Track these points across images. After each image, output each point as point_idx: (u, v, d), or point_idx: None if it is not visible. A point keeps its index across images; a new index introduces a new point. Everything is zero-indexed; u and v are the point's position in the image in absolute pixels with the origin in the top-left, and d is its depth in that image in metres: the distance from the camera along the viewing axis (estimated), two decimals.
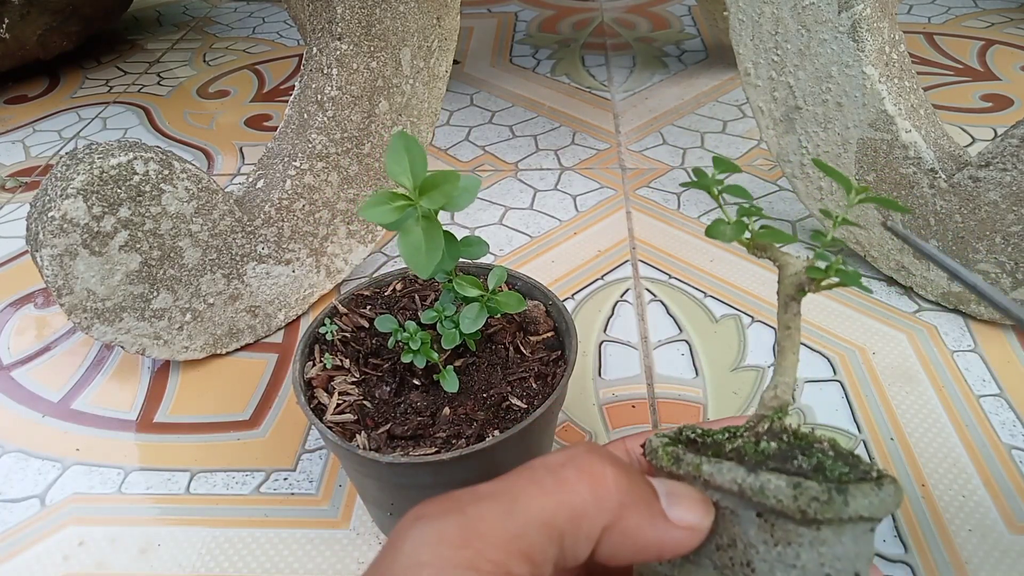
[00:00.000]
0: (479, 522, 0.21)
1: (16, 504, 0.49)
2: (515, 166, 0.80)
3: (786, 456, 0.23)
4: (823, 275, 0.24)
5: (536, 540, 0.21)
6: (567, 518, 0.22)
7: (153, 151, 0.50)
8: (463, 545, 0.21)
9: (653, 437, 0.26)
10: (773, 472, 0.22)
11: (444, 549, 0.20)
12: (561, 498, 0.22)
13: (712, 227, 0.25)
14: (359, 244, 0.63)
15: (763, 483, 0.22)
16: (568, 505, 0.22)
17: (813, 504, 0.21)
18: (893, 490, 0.23)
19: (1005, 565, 0.42)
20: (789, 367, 0.25)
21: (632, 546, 0.23)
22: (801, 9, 0.56)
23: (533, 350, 0.43)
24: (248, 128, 0.91)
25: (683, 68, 0.99)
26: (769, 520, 0.22)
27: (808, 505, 0.22)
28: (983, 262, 0.54)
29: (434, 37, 0.61)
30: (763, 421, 0.25)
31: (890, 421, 0.50)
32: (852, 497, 0.22)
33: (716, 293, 0.61)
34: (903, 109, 0.55)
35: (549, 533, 0.21)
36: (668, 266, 0.65)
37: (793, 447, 0.24)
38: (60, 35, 1.02)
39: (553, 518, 0.22)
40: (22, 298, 0.67)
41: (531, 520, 0.21)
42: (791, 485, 0.22)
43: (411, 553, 0.20)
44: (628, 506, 0.22)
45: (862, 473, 0.23)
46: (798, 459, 0.23)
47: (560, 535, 0.22)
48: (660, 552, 0.23)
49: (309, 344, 0.44)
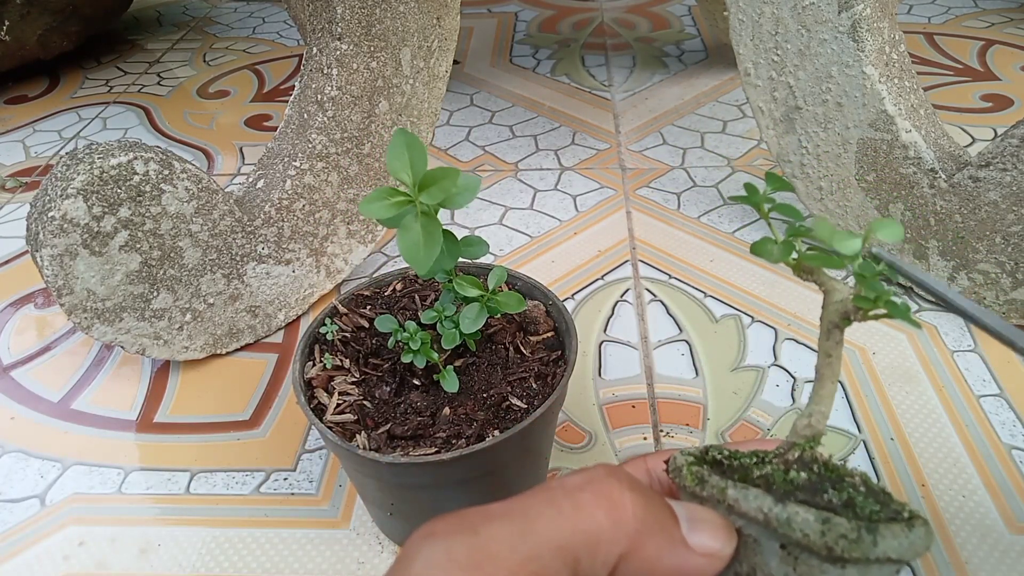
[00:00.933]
0: (491, 543, 0.21)
1: (16, 504, 0.49)
2: (515, 166, 0.80)
3: (816, 488, 0.23)
4: (871, 305, 0.23)
5: (550, 564, 0.21)
6: (583, 543, 0.21)
7: (153, 151, 0.50)
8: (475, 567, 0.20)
9: (678, 455, 0.25)
10: (802, 505, 0.22)
11: (455, 570, 0.20)
12: (577, 522, 0.21)
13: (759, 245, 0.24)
14: (359, 244, 0.63)
15: (791, 515, 0.21)
16: (584, 530, 0.21)
17: (841, 542, 0.21)
18: (924, 532, 0.22)
19: (1005, 565, 0.42)
20: (826, 396, 0.24)
21: (650, 573, 0.22)
22: (801, 9, 0.56)
23: (533, 350, 0.43)
24: (248, 128, 0.91)
25: (683, 68, 0.99)
26: (792, 553, 0.22)
27: (836, 542, 0.21)
28: (983, 262, 0.54)
29: (434, 37, 0.61)
30: (794, 449, 0.24)
31: (890, 421, 0.50)
32: (882, 537, 0.21)
33: (716, 293, 0.61)
34: (903, 109, 0.55)
35: (564, 557, 0.21)
36: (668, 266, 0.65)
37: (824, 479, 0.23)
38: (60, 35, 1.02)
39: (568, 542, 0.21)
40: (22, 298, 0.67)
41: (545, 543, 0.21)
42: (820, 520, 0.21)
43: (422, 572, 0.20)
44: (646, 533, 0.22)
45: (893, 512, 0.22)
46: (828, 492, 0.23)
47: (575, 560, 0.21)
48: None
49: (309, 344, 0.44)
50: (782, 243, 0.24)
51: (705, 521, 0.23)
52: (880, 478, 0.46)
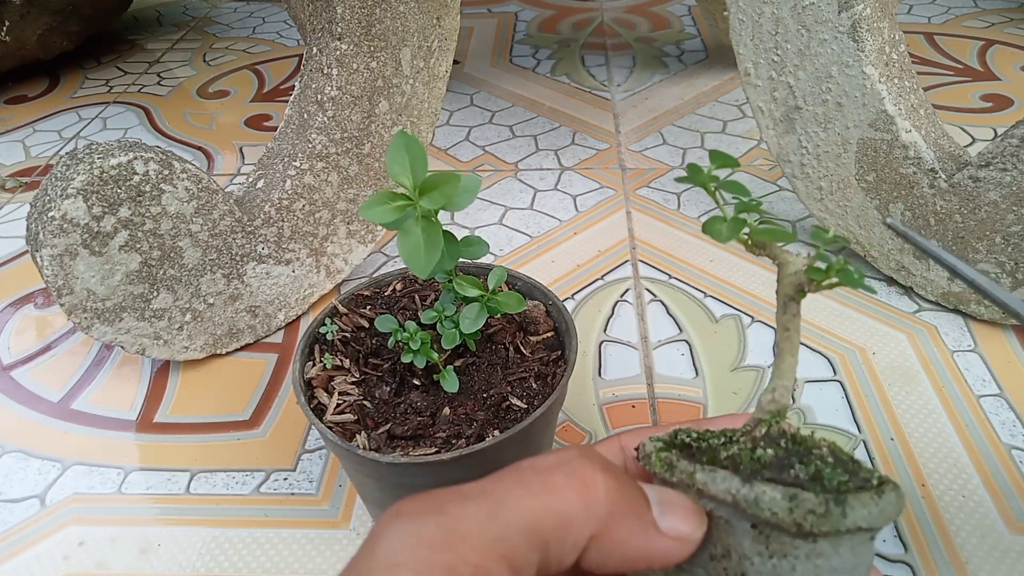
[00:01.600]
0: (460, 523, 0.20)
1: (16, 504, 0.49)
2: (515, 166, 0.80)
3: (783, 464, 0.23)
4: (823, 276, 0.23)
5: (519, 545, 0.20)
6: (553, 525, 0.21)
7: (153, 151, 0.50)
8: (442, 547, 0.20)
9: (647, 441, 0.25)
10: (768, 483, 0.22)
11: (422, 550, 0.20)
12: (548, 503, 0.21)
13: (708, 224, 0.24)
14: (359, 244, 0.63)
15: (758, 495, 0.21)
16: (555, 511, 0.21)
17: (809, 517, 0.21)
18: (894, 498, 0.22)
19: (1005, 565, 0.42)
20: (787, 370, 0.24)
21: (620, 556, 0.22)
22: (801, 9, 0.56)
23: (533, 350, 0.43)
24: (248, 128, 0.91)
25: (683, 68, 0.99)
26: (764, 532, 0.22)
27: (804, 518, 0.21)
28: (983, 262, 0.54)
29: (434, 37, 0.61)
30: (760, 425, 0.24)
31: (890, 421, 0.50)
32: (850, 508, 0.21)
33: (716, 293, 0.61)
34: (903, 109, 0.55)
35: (533, 539, 0.21)
36: (668, 266, 0.65)
37: (791, 453, 0.23)
38: (60, 35, 1.02)
39: (538, 524, 0.21)
40: (22, 298, 0.67)
41: (515, 524, 0.20)
42: (787, 497, 0.21)
43: (388, 553, 0.20)
44: (617, 515, 0.22)
45: (862, 481, 0.22)
46: (795, 468, 0.23)
47: (545, 542, 0.21)
48: (649, 562, 0.22)
49: (309, 344, 0.44)
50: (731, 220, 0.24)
51: (675, 505, 0.23)
52: None
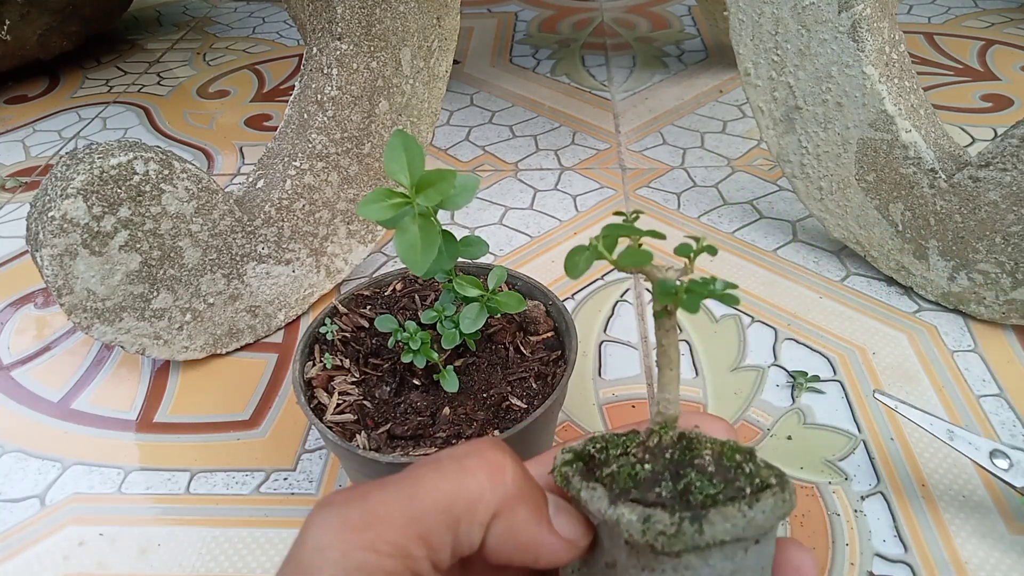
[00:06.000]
0: (381, 506, 0.22)
1: (16, 504, 0.49)
2: (515, 166, 0.80)
3: (656, 480, 0.23)
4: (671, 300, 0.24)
5: (433, 525, 0.22)
6: (464, 504, 0.22)
7: (153, 151, 0.50)
8: (364, 528, 0.21)
9: (560, 452, 0.26)
10: (628, 504, 0.22)
11: (346, 532, 0.21)
12: (461, 484, 0.23)
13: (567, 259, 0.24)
14: (359, 244, 0.63)
15: (618, 516, 0.22)
16: (467, 490, 0.23)
17: (660, 538, 0.21)
18: (772, 504, 0.22)
19: (1005, 565, 0.42)
20: (667, 383, 0.25)
21: (514, 543, 0.23)
22: (801, 9, 0.56)
23: (533, 350, 0.43)
24: (248, 128, 0.91)
25: (683, 68, 0.99)
26: (635, 548, 0.23)
27: (655, 539, 0.22)
28: (983, 262, 0.54)
29: (434, 37, 0.61)
30: (652, 435, 0.25)
31: (891, 421, 0.50)
32: (709, 524, 0.21)
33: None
34: (903, 109, 0.55)
35: (446, 519, 0.22)
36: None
37: (670, 466, 0.24)
38: (60, 35, 1.02)
39: (451, 504, 0.22)
40: (22, 298, 0.67)
41: (430, 505, 0.22)
42: (640, 519, 0.22)
43: (315, 537, 0.21)
44: (519, 499, 0.23)
45: (735, 490, 0.23)
46: (664, 484, 0.23)
47: (456, 521, 0.22)
48: (537, 556, 0.23)
49: (309, 344, 0.44)
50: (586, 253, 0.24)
51: (568, 511, 0.24)
52: (880, 478, 0.46)
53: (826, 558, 0.42)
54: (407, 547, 0.22)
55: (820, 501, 0.45)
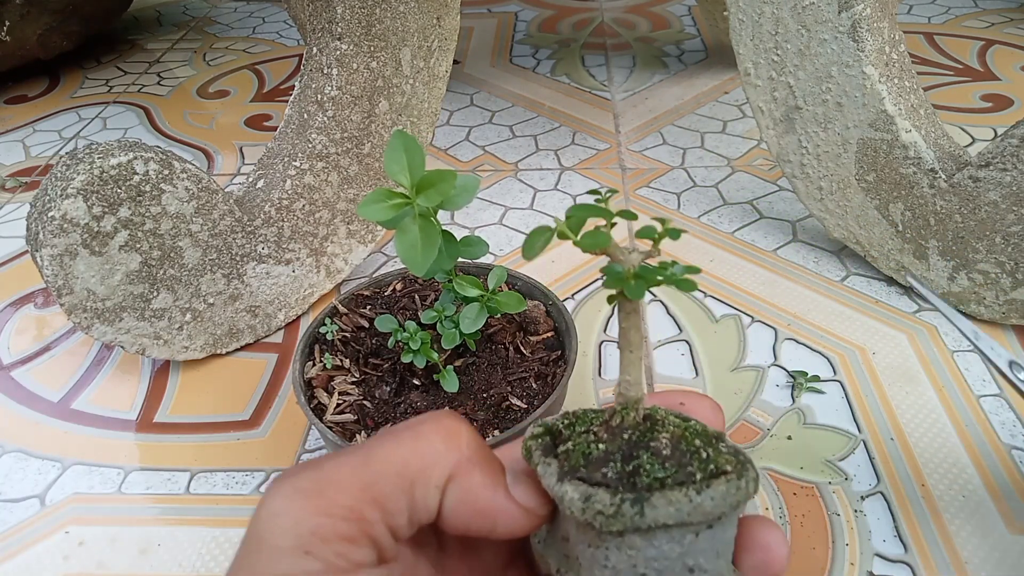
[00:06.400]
0: (333, 472, 0.22)
1: (16, 504, 0.49)
2: (515, 166, 0.80)
3: (606, 460, 0.23)
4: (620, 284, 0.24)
5: (387, 489, 0.22)
6: (418, 467, 0.23)
7: (153, 151, 0.50)
8: (316, 494, 0.22)
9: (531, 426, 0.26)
10: (572, 482, 0.22)
11: (298, 499, 0.22)
12: (415, 447, 0.23)
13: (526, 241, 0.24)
14: (359, 244, 0.63)
15: (563, 493, 0.22)
16: (421, 453, 0.23)
17: (598, 518, 0.22)
18: (721, 492, 0.22)
19: (1005, 565, 0.42)
20: (628, 365, 0.25)
21: (471, 508, 0.23)
22: (801, 9, 0.56)
23: (533, 350, 0.43)
24: (248, 128, 0.91)
25: (683, 68, 0.99)
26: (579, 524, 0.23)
27: (594, 518, 0.22)
28: (983, 262, 0.54)
29: (434, 37, 0.61)
30: (616, 415, 0.25)
31: (890, 421, 0.50)
32: (651, 507, 0.22)
33: (716, 293, 0.61)
34: (903, 109, 0.55)
35: (400, 483, 0.22)
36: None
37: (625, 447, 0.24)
38: (60, 35, 1.02)
39: (405, 467, 0.22)
40: (22, 298, 0.67)
41: (385, 469, 0.22)
42: (582, 498, 0.22)
43: (269, 506, 0.22)
44: (474, 463, 0.23)
45: (686, 475, 0.23)
46: (613, 465, 0.23)
47: (411, 484, 0.22)
48: (495, 524, 0.24)
49: (309, 344, 0.44)
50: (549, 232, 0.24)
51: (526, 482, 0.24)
52: (880, 478, 0.46)
53: (826, 558, 0.42)
54: (361, 510, 0.22)
55: (820, 501, 0.45)
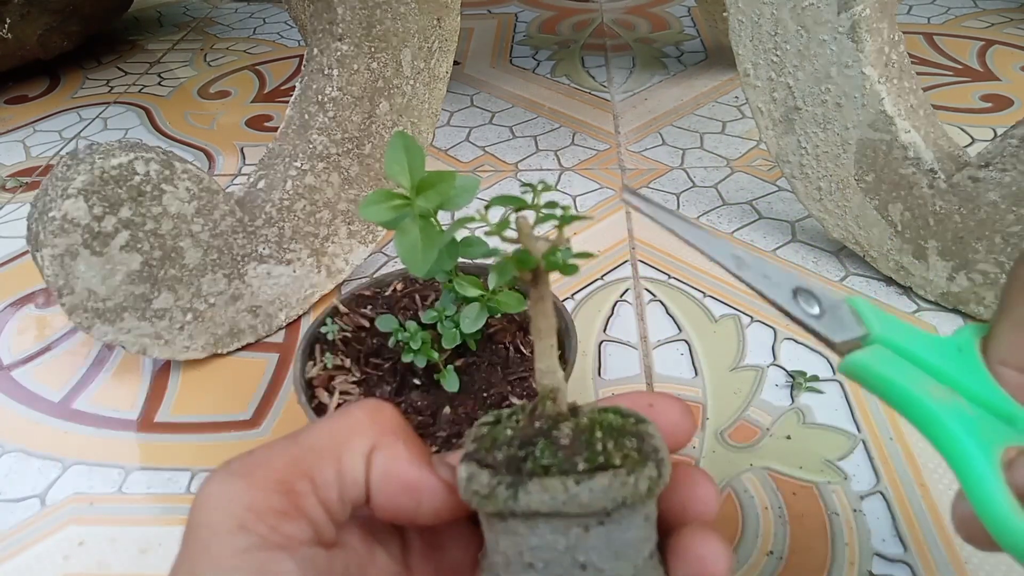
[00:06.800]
0: (263, 453, 0.23)
1: (16, 504, 0.49)
2: (515, 166, 0.80)
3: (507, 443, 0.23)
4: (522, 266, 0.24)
5: (315, 460, 0.23)
6: (344, 439, 0.24)
7: (154, 151, 0.50)
8: (247, 473, 0.23)
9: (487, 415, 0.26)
10: (466, 462, 0.23)
11: (230, 479, 0.23)
12: (341, 422, 0.24)
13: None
14: (360, 244, 0.63)
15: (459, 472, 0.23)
16: (346, 426, 0.24)
17: (475, 497, 0.22)
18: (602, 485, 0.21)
19: (1005, 565, 0.42)
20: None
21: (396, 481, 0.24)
22: (800, 10, 0.56)
23: (533, 350, 0.43)
24: (249, 128, 0.91)
25: (683, 69, 0.99)
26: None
27: (471, 497, 0.22)
28: (983, 262, 0.54)
29: (434, 38, 0.61)
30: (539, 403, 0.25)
31: (890, 421, 0.50)
32: (525, 492, 0.21)
33: (716, 293, 0.61)
34: (902, 109, 0.56)
35: (328, 454, 0.23)
36: (667, 266, 0.65)
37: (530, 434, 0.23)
38: (60, 35, 1.02)
39: (330, 439, 0.24)
40: (23, 298, 0.67)
41: (311, 443, 0.24)
42: (467, 477, 0.23)
43: (203, 492, 0.23)
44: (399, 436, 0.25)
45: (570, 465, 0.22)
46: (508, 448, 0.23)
47: (337, 457, 0.23)
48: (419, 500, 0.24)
49: (310, 344, 0.44)
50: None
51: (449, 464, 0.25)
52: (879, 478, 0.46)
53: (825, 558, 0.43)
54: (291, 483, 0.23)
55: (819, 501, 0.45)
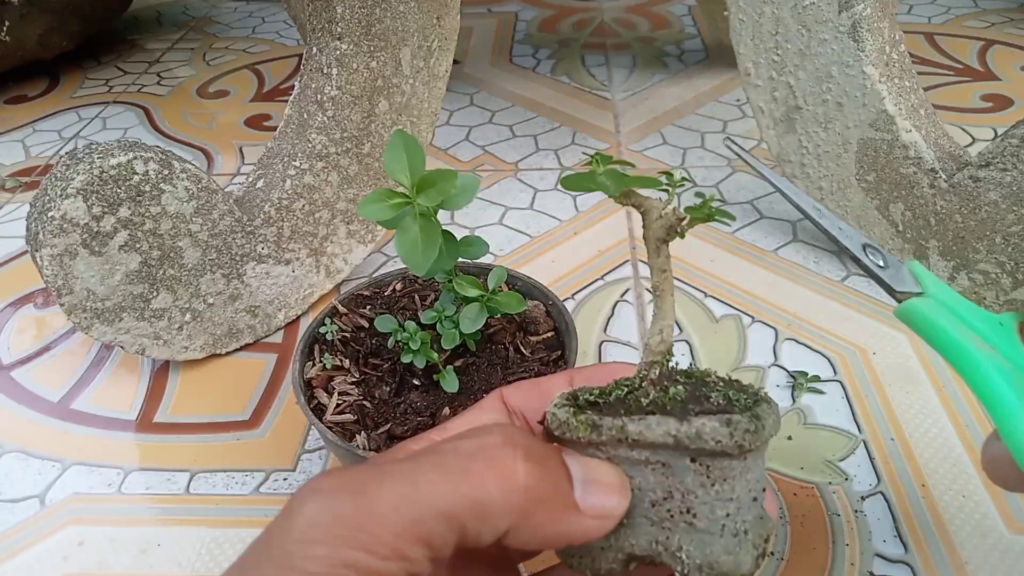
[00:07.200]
0: (377, 504, 0.20)
1: (16, 504, 0.49)
2: (515, 166, 0.80)
3: (698, 397, 0.24)
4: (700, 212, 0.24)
5: (435, 528, 0.21)
6: (471, 512, 0.21)
7: (153, 151, 0.50)
8: (358, 528, 0.20)
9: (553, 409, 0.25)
10: (700, 416, 0.23)
11: (339, 528, 0.20)
12: (467, 491, 0.21)
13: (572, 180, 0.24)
14: (359, 244, 0.63)
15: (698, 428, 0.22)
16: (473, 500, 0.21)
17: (748, 436, 0.22)
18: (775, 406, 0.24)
19: (1005, 565, 0.42)
20: (669, 309, 0.26)
21: (540, 539, 0.22)
22: (801, 9, 0.56)
23: (533, 350, 0.43)
24: (248, 128, 0.91)
25: (683, 68, 0.99)
26: (703, 462, 0.23)
27: (744, 438, 0.22)
28: (983, 262, 0.54)
29: (434, 37, 0.61)
30: (654, 367, 0.25)
31: (890, 421, 0.50)
32: (764, 421, 0.23)
33: (716, 293, 0.61)
34: (903, 109, 0.55)
35: (449, 523, 0.21)
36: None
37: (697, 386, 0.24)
38: (60, 35, 1.02)
39: (456, 510, 0.21)
40: (22, 298, 0.67)
41: (431, 509, 0.21)
42: (723, 423, 0.22)
43: (305, 529, 0.20)
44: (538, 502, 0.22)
45: (753, 396, 0.24)
46: (711, 397, 0.24)
47: (462, 526, 0.21)
48: (570, 541, 0.23)
49: (309, 344, 0.44)
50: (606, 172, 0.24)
51: (599, 482, 0.23)
52: (880, 479, 0.46)
53: (826, 558, 0.42)
54: (405, 550, 0.20)
55: (820, 501, 0.45)
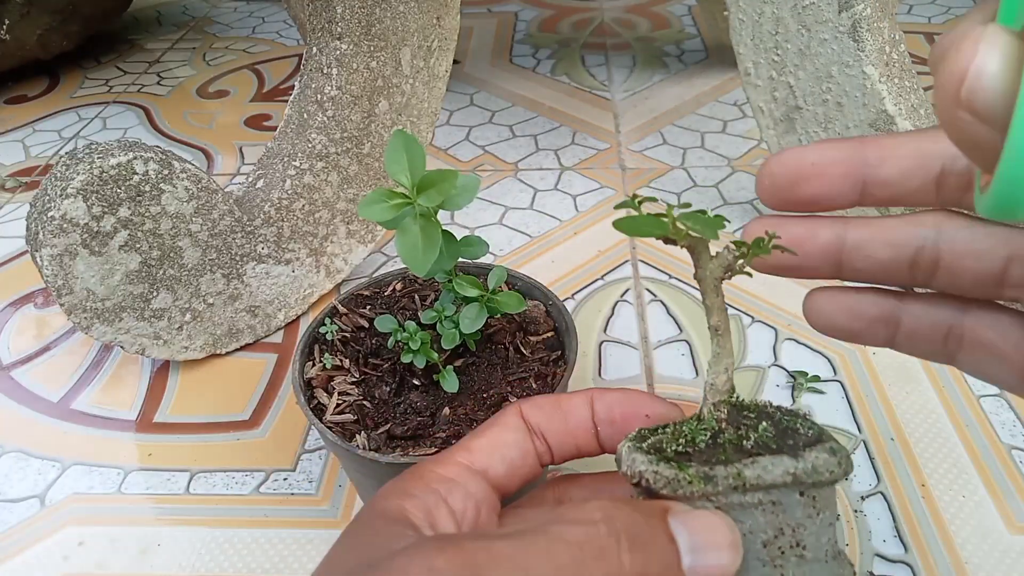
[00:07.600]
0: None
1: (16, 504, 0.49)
2: (515, 166, 0.80)
3: (788, 432, 0.24)
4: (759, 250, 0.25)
5: None
6: None
7: (153, 151, 0.50)
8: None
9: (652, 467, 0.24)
10: (809, 450, 0.23)
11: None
12: None
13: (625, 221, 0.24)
14: (359, 244, 0.63)
15: (813, 463, 0.23)
16: None
17: (846, 461, 0.23)
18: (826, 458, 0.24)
19: (1005, 565, 0.42)
20: (730, 348, 0.26)
21: None
22: (801, 9, 0.56)
23: (533, 350, 0.43)
24: (248, 128, 0.91)
25: (683, 68, 0.99)
26: (809, 494, 0.23)
27: (849, 464, 0.23)
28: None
29: (434, 37, 0.61)
30: (722, 406, 0.25)
31: (890, 421, 0.50)
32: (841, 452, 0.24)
33: None
34: (903, 109, 0.55)
35: None
36: (668, 266, 0.65)
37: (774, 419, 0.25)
38: (60, 35, 1.02)
39: None
40: (22, 298, 0.67)
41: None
42: (830, 453, 0.23)
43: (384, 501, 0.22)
44: None
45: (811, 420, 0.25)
46: (799, 429, 0.24)
47: None
48: None
49: (309, 344, 0.44)
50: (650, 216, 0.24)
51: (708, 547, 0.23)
52: (880, 478, 0.46)
53: None
54: None
55: None
